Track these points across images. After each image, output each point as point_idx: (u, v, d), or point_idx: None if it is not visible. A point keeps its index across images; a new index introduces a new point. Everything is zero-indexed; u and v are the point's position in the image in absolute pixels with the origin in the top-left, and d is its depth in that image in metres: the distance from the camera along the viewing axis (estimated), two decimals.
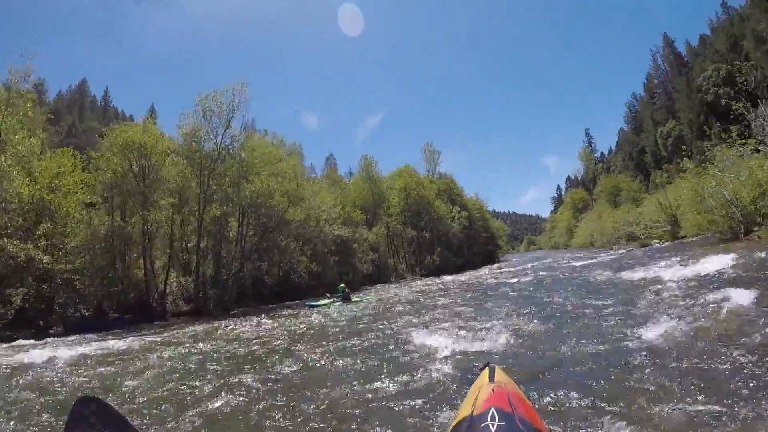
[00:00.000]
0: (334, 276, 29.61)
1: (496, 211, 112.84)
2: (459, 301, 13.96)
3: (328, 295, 20.76)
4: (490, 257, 64.84)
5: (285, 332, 11.18)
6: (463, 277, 29.34)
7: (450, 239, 52.17)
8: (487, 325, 8.24)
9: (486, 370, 2.67)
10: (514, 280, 19.32)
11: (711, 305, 6.95)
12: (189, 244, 23.40)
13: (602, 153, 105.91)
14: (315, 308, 17.60)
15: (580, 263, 24.28)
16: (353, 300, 19.20)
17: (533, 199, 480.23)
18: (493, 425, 1.88)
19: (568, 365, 5.21)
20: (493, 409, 1.97)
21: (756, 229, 18.07)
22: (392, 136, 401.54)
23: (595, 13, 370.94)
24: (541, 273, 21.32)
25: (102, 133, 22.12)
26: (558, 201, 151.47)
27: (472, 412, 2.07)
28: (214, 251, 24.09)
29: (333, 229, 32.54)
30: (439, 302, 14.29)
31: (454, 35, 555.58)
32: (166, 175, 21.41)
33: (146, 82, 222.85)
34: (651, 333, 5.85)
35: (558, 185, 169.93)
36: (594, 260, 25.49)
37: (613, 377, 4.54)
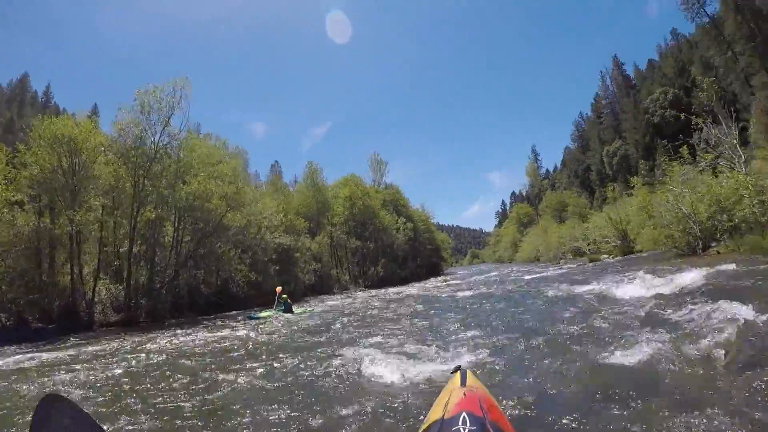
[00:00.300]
0: (275, 286, 28.87)
1: (441, 224, 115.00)
2: (407, 314, 13.94)
3: (272, 307, 19.90)
4: (434, 270, 65.56)
5: (221, 347, 10.76)
6: (410, 289, 29.44)
7: (395, 250, 52.42)
8: (443, 340, 8.27)
9: (457, 374, 2.72)
10: (465, 293, 19.41)
11: (680, 320, 7.14)
12: (121, 249, 22.25)
13: (548, 170, 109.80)
14: (256, 320, 17.26)
15: (530, 277, 24.95)
16: (295, 312, 18.93)
17: (477, 214, 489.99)
18: (464, 429, 1.90)
19: (537, 377, 5.31)
20: (464, 413, 2.00)
21: (714, 245, 18.66)
22: (339, 146, 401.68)
23: (545, 35, 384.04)
24: (493, 287, 21.62)
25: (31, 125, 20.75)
26: (502, 216, 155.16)
27: (443, 415, 2.11)
28: (147, 257, 23.08)
29: (274, 236, 31.94)
30: (387, 315, 14.21)
31: (403, 49, 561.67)
32: (99, 173, 20.36)
33: (95, 82, 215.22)
34: (619, 348, 5.94)
35: (503, 200, 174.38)
36: (544, 274, 26.08)
37: (580, 387, 4.70)
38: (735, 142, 20.06)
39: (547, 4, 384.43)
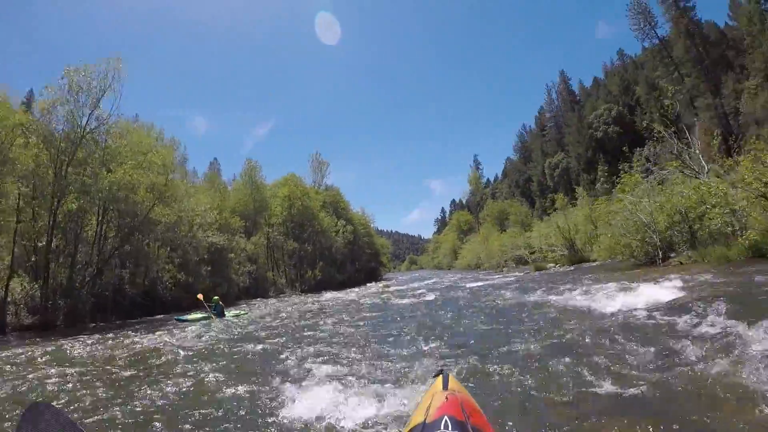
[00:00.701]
0: (207, 288, 27.98)
1: (380, 229, 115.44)
2: (349, 322, 13.46)
3: (206, 304, 19.10)
4: (373, 274, 65.39)
5: (144, 354, 9.91)
6: (349, 295, 28.90)
7: (333, 254, 51.99)
8: (397, 352, 7.95)
9: (439, 378, 2.74)
10: (413, 300, 19.10)
11: (652, 329, 7.26)
12: (39, 243, 20.54)
13: (488, 179, 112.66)
14: (185, 323, 16.72)
15: (477, 284, 24.86)
16: (228, 315, 18.36)
17: (417, 220, 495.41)
18: None
19: (514, 385, 5.30)
20: (446, 417, 2.03)
21: (673, 255, 18.83)
22: (281, 147, 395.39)
23: (494, 47, 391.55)
24: (439, 293, 21.35)
25: None
26: (441, 223, 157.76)
27: (425, 419, 2.13)
28: (67, 253, 21.54)
29: (207, 235, 30.81)
30: (329, 323, 13.67)
31: (346, 54, 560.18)
32: (16, 156, 18.80)
33: (29, 68, 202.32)
34: (598, 360, 5.93)
35: (443, 207, 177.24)
36: (490, 282, 26.16)
37: (558, 394, 4.75)
38: (698, 152, 20.55)
39: (498, 18, 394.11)
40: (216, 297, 19.41)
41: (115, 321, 20.22)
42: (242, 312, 20.05)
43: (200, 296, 19.65)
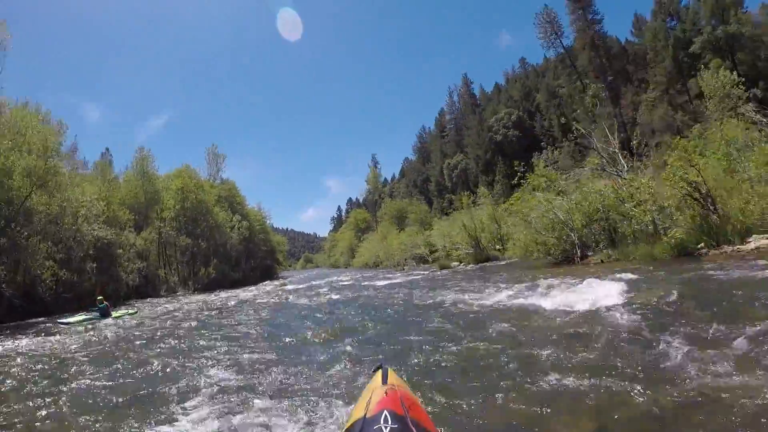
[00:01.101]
0: (93, 286, 25.94)
1: (275, 227, 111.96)
2: (250, 323, 12.75)
3: (87, 311, 17.92)
4: (268, 273, 63.70)
5: (13, 364, 8.80)
6: (245, 293, 27.81)
7: (228, 251, 49.76)
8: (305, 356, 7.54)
9: (379, 372, 2.74)
10: (311, 301, 18.20)
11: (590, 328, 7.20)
12: None
13: (386, 179, 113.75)
14: (67, 326, 15.57)
15: (381, 283, 24.45)
16: (114, 316, 17.42)
17: (312, 218, 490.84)
18: (386, 428, 1.95)
19: (450, 380, 5.46)
20: (386, 412, 2.05)
21: (590, 254, 18.88)
22: (178, 141, 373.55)
23: (393, 49, 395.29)
24: (344, 293, 20.57)
25: None
26: (338, 221, 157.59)
27: (365, 414, 2.14)
28: None
29: (93, 228, 28.30)
30: (225, 323, 13.18)
31: (240, 45, 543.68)
32: None
33: None
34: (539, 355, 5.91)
35: (339, 206, 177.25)
36: (395, 280, 25.73)
37: (496, 385, 4.92)
38: (616, 151, 20.98)
39: (402, 20, 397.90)
40: (100, 297, 18.12)
41: None
42: (130, 311, 19.13)
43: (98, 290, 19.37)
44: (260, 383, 6.00)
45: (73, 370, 7.86)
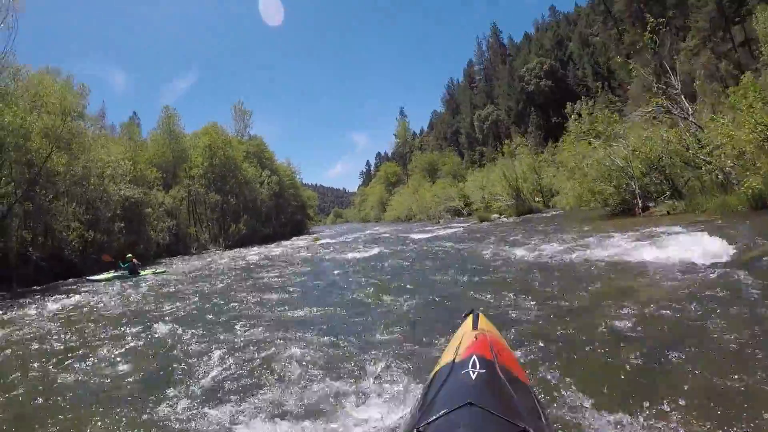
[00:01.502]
0: (122, 246, 25.60)
1: (304, 183, 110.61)
2: (291, 284, 11.47)
3: (120, 264, 17.90)
4: (299, 228, 63.41)
5: (40, 327, 8.34)
6: (276, 249, 27.18)
7: (258, 206, 49.31)
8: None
9: (470, 318, 2.66)
10: (351, 255, 17.06)
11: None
12: None
13: (414, 132, 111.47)
14: (95, 283, 16.19)
15: (422, 236, 23.18)
16: (141, 273, 17.45)
17: (340, 173, 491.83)
18: (473, 372, 1.93)
19: (546, 329, 5.09)
20: (474, 356, 2.04)
21: (652, 204, 17.13)
22: (204, 102, 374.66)
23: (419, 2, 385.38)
24: (383, 248, 18.97)
25: None
26: (367, 176, 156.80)
27: (454, 358, 2.15)
28: None
29: (120, 188, 27.76)
30: (262, 281, 12.24)
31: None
32: None
33: None
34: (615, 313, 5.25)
35: (367, 161, 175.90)
36: (435, 233, 24.46)
37: (581, 343, 4.48)
38: (679, 92, 17.92)
39: None
40: (129, 255, 18.04)
41: (17, 289, 17.40)
42: (158, 270, 19.05)
43: (106, 257, 19.40)
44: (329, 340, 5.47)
45: (88, 331, 7.63)
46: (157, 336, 6.66)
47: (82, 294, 13.21)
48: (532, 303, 6.09)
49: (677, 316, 4.85)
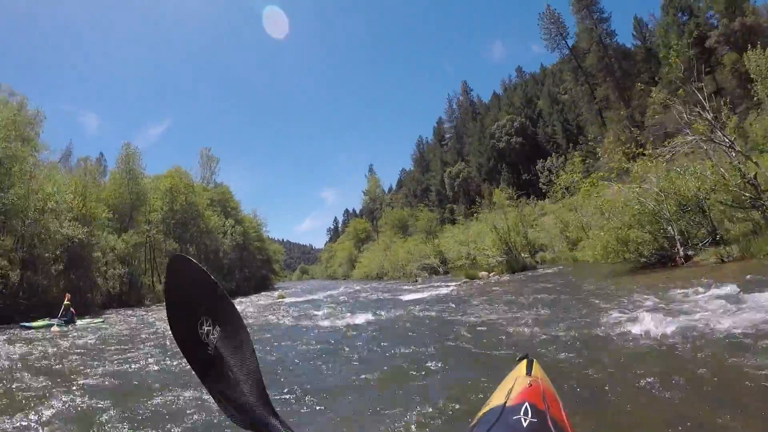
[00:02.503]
0: (61, 292, 22.46)
1: (271, 237, 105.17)
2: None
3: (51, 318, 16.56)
4: (264, 283, 59.74)
5: None
6: (240, 307, 23.54)
7: (220, 258, 45.78)
8: None
9: (524, 362, 2.50)
10: (327, 323, 12.06)
11: None
12: None
13: (383, 190, 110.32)
14: (27, 330, 14.92)
15: (409, 297, 18.46)
16: (80, 324, 16.13)
17: (308, 229, 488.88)
18: (525, 420, 1.85)
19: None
20: (527, 404, 1.95)
21: (692, 253, 13.90)
22: (175, 149, 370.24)
23: (389, 63, 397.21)
24: (367, 314, 13.14)
25: None
26: (334, 232, 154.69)
27: (506, 402, 2.05)
28: None
29: (60, 226, 24.22)
30: None
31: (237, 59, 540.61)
32: None
33: None
34: None
35: (335, 217, 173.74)
36: (420, 295, 19.24)
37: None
38: (717, 119, 14.44)
39: (396, 34, 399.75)
40: (67, 302, 16.78)
41: None
42: (97, 321, 17.60)
43: (67, 296, 17.34)
44: None
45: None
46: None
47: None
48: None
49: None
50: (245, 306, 23.16)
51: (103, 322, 17.20)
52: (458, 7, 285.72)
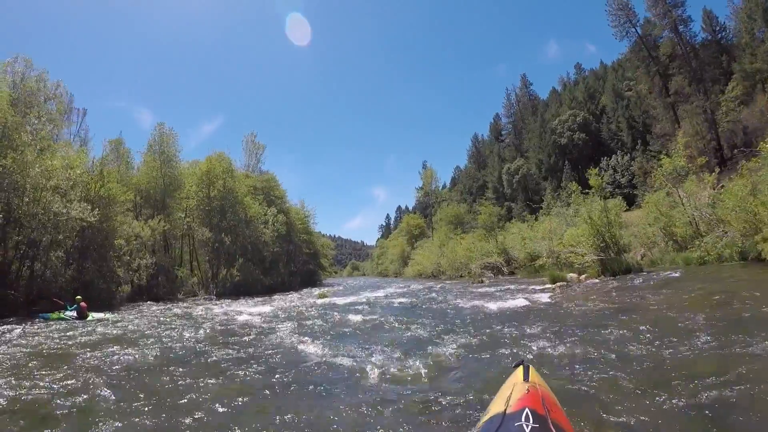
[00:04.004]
0: (69, 283, 20.90)
1: (321, 233, 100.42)
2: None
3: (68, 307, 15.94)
4: (311, 278, 56.03)
5: None
6: (281, 302, 21.06)
7: (260, 250, 40.70)
8: None
9: (520, 369, 2.58)
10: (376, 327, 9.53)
11: None
12: None
13: (437, 187, 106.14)
14: (45, 320, 14.80)
15: (495, 307, 12.90)
16: (89, 318, 15.33)
17: (359, 227, 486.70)
18: (527, 426, 1.87)
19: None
20: (527, 410, 1.97)
21: None
22: (228, 145, 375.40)
23: (442, 62, 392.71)
24: (435, 323, 10.27)
25: None
26: (386, 229, 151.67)
27: (506, 409, 2.07)
28: None
29: (69, 208, 20.31)
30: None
31: (314, 54, 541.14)
32: None
33: None
34: None
35: (387, 214, 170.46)
36: (511, 303, 13.62)
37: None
38: None
39: (449, 34, 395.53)
40: (78, 296, 16.32)
41: None
42: (108, 315, 16.32)
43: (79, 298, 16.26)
44: None
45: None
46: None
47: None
48: None
49: None
50: (263, 307, 18.55)
51: (107, 318, 15.66)
52: (511, 5, 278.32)
